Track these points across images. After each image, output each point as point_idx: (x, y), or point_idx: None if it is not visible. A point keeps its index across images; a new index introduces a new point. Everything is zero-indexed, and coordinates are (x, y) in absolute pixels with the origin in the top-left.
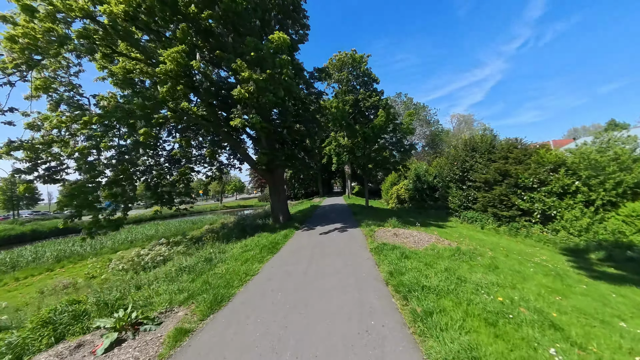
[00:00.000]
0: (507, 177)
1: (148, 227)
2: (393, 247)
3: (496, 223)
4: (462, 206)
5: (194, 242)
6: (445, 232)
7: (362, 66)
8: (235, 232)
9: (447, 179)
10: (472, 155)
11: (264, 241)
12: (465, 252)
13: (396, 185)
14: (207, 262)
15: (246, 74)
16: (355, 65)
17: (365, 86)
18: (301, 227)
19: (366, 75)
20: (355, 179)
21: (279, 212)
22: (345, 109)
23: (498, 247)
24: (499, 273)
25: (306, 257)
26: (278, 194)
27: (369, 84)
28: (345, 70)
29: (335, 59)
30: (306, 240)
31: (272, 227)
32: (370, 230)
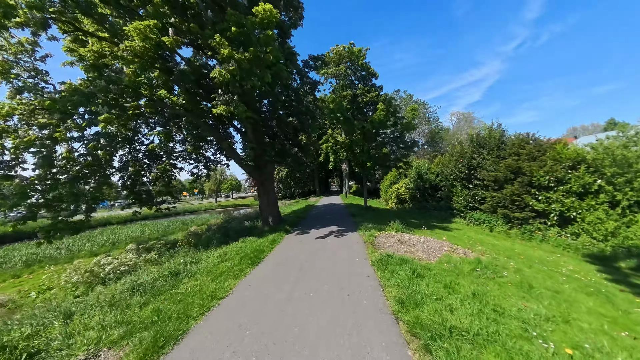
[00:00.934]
0: (519, 175)
1: (134, 228)
2: (400, 261)
3: (506, 225)
4: (467, 207)
5: (168, 247)
6: (454, 237)
7: (361, 60)
8: (218, 237)
9: (452, 178)
10: (479, 152)
11: (247, 248)
12: (487, 265)
13: (396, 184)
14: (173, 276)
15: (226, 52)
16: (353, 59)
17: (363, 81)
18: (292, 231)
19: (364, 70)
20: (353, 177)
21: (268, 214)
22: (342, 102)
23: (515, 254)
24: (537, 296)
25: (292, 273)
26: (267, 193)
27: (367, 78)
28: (343, 64)
29: (333, 52)
30: (296, 249)
31: (260, 231)
32: (371, 236)
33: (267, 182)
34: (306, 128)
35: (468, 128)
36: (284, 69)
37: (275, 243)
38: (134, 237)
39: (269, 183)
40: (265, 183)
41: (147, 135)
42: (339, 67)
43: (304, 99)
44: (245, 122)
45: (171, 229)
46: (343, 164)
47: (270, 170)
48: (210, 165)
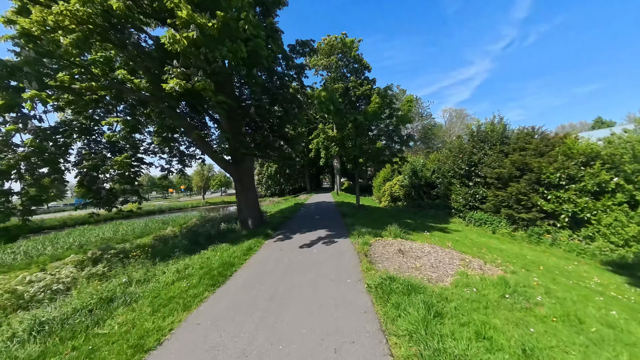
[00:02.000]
0: (526, 172)
1: (107, 228)
2: (407, 287)
3: (510, 227)
4: (467, 206)
5: (121, 258)
6: (456, 240)
7: (353, 51)
8: (185, 243)
9: (450, 175)
10: (480, 147)
11: (214, 261)
12: (516, 287)
13: (389, 182)
14: (104, 304)
15: (184, 14)
16: (345, 50)
17: (355, 74)
18: (274, 236)
19: (357, 62)
20: (344, 174)
21: (247, 215)
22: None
23: (529, 262)
24: (598, 341)
25: (261, 304)
26: (246, 191)
27: (360, 71)
28: (334, 56)
29: (324, 43)
30: (273, 262)
31: (236, 235)
32: (365, 243)
33: (246, 178)
34: (291, 118)
35: (461, 124)
36: (263, 45)
37: (250, 253)
38: (106, 238)
39: (248, 179)
40: (243, 179)
41: (105, 123)
42: (330, 58)
43: (289, 84)
44: (218, 107)
45: (148, 229)
46: (334, 160)
47: (249, 165)
48: (185, 160)
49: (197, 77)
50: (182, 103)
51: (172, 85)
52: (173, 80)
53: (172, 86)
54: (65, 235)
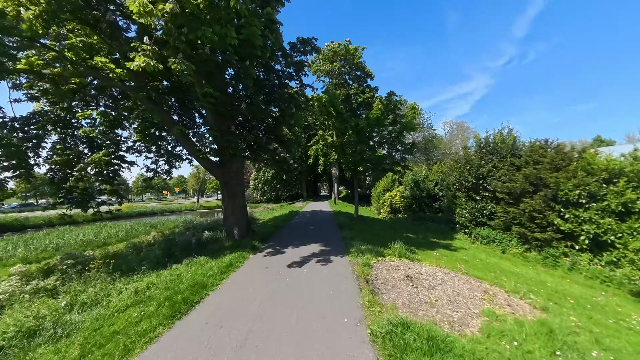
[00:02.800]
0: (540, 187)
1: (90, 230)
2: (427, 343)
3: (522, 246)
4: (473, 221)
5: (80, 271)
6: (465, 261)
7: (356, 59)
8: (158, 254)
9: (455, 187)
10: (489, 160)
11: (185, 279)
12: (563, 337)
13: (389, 192)
14: (23, 340)
15: None
16: (348, 57)
17: (358, 81)
18: (261, 249)
19: (360, 69)
20: (343, 182)
21: (233, 224)
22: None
23: (549, 290)
24: None
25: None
26: (233, 197)
27: (362, 79)
28: (337, 62)
29: (327, 49)
30: (254, 286)
31: (219, 247)
32: (365, 264)
33: (233, 183)
34: (288, 118)
35: (462, 137)
36: (258, 34)
37: (230, 270)
38: (86, 240)
39: (236, 183)
40: (230, 183)
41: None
42: (333, 64)
43: (287, 82)
44: (204, 100)
45: (134, 232)
46: (333, 168)
47: (238, 167)
48: (172, 160)
49: (175, 59)
50: (172, 100)
51: (138, 63)
52: (140, 58)
53: (138, 64)
54: (43, 236)
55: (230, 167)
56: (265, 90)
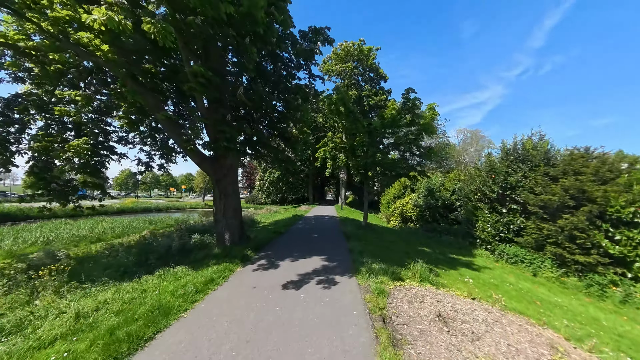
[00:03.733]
0: (584, 201)
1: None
2: None
3: (558, 270)
4: (497, 237)
5: (29, 278)
6: (495, 285)
7: (370, 60)
8: (132, 260)
9: (476, 198)
10: (518, 168)
11: (147, 300)
12: None
13: (400, 199)
14: None
15: None
16: (362, 57)
17: (371, 82)
18: (253, 260)
19: (373, 71)
20: (350, 187)
21: (224, 228)
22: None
23: (610, 333)
24: None
25: None
26: (225, 198)
27: (375, 80)
28: (350, 62)
29: (340, 49)
30: (232, 315)
31: (204, 254)
32: (380, 292)
33: (226, 181)
34: (294, 111)
35: (476, 145)
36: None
37: (208, 288)
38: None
39: (229, 182)
40: (222, 181)
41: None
42: (346, 64)
43: (296, 72)
44: (193, 81)
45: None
46: (341, 172)
47: (232, 163)
48: (168, 154)
49: (150, 19)
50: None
51: (97, 17)
52: (99, 11)
53: (98, 19)
54: (36, 228)
55: (223, 163)
56: (270, 80)
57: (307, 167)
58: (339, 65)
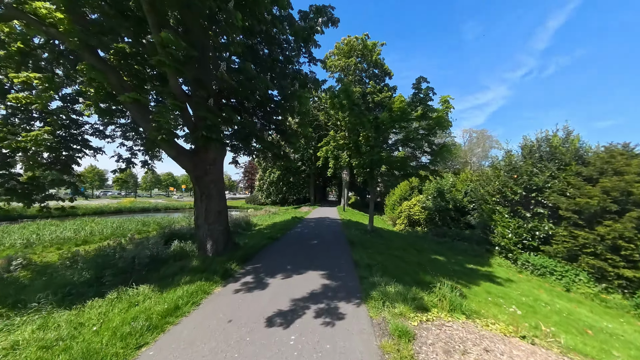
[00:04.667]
0: (629, 206)
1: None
2: None
3: (596, 285)
4: (519, 244)
5: None
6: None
7: (375, 55)
8: (86, 277)
9: (493, 200)
10: (543, 167)
11: (79, 342)
12: None
13: (407, 201)
14: None
15: None
16: (366, 53)
17: (375, 79)
18: (236, 277)
19: (378, 66)
20: (353, 188)
21: (206, 235)
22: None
23: None
24: None
25: None
26: (207, 199)
27: (380, 77)
28: (353, 57)
29: (344, 43)
30: None
31: (178, 268)
32: (401, 332)
33: (208, 179)
34: (290, 99)
35: (483, 145)
36: None
37: (169, 321)
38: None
39: (211, 180)
40: (203, 179)
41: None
42: (349, 60)
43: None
44: (162, 53)
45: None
46: (343, 172)
47: (216, 158)
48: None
49: None
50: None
51: None
52: None
53: None
54: (18, 229)
55: (204, 157)
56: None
57: (308, 167)
58: (342, 60)
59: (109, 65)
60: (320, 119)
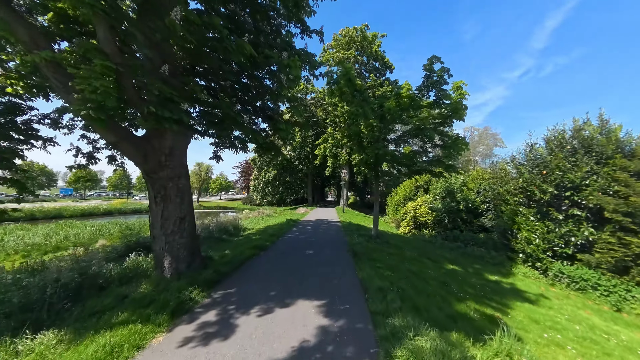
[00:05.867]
0: None
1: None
2: None
3: None
4: (549, 251)
5: None
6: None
7: (374, 47)
8: None
9: (516, 200)
10: (578, 161)
11: None
12: None
13: (412, 201)
14: None
15: None
16: (365, 45)
17: (376, 72)
18: (195, 311)
19: (378, 59)
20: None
21: (163, 250)
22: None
23: None
24: None
25: None
26: (163, 201)
27: (380, 71)
28: (352, 49)
29: (342, 35)
30: None
31: (117, 298)
32: None
33: (164, 174)
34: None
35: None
36: None
37: None
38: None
39: (169, 176)
40: (157, 175)
41: None
42: (348, 52)
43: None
44: None
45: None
46: (343, 171)
47: (173, 146)
48: None
49: None
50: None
51: None
52: None
53: None
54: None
55: (158, 146)
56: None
57: (305, 166)
58: (340, 52)
59: (16, 14)
60: (318, 115)
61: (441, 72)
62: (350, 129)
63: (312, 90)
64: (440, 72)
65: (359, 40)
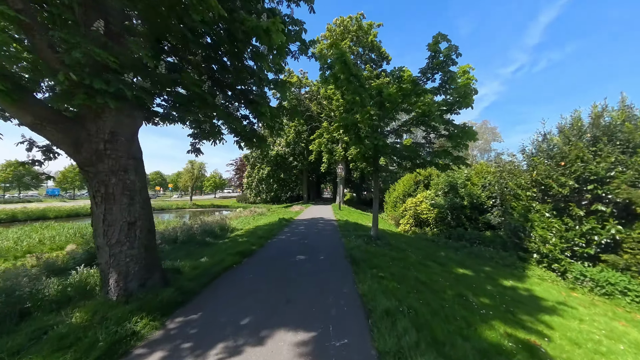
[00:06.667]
0: None
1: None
2: None
3: None
4: (567, 251)
5: None
6: None
7: (370, 37)
8: None
9: (528, 195)
10: (598, 152)
11: None
12: None
13: (412, 197)
14: None
15: None
16: (360, 35)
17: (372, 64)
18: (134, 353)
19: (375, 50)
20: (349, 184)
21: (108, 264)
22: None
23: None
24: None
25: None
26: (105, 201)
27: (376, 62)
28: (347, 40)
29: (336, 24)
30: None
31: (37, 330)
32: None
33: (104, 166)
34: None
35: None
36: None
37: None
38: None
39: (112, 169)
40: (96, 167)
41: None
42: (343, 42)
43: None
44: None
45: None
46: (338, 167)
47: (115, 130)
48: None
49: None
50: None
51: None
52: None
53: None
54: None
55: (96, 130)
56: None
57: (300, 162)
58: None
59: None
60: (312, 109)
61: (448, 51)
62: (347, 119)
63: (306, 83)
64: (447, 51)
65: (354, 30)
